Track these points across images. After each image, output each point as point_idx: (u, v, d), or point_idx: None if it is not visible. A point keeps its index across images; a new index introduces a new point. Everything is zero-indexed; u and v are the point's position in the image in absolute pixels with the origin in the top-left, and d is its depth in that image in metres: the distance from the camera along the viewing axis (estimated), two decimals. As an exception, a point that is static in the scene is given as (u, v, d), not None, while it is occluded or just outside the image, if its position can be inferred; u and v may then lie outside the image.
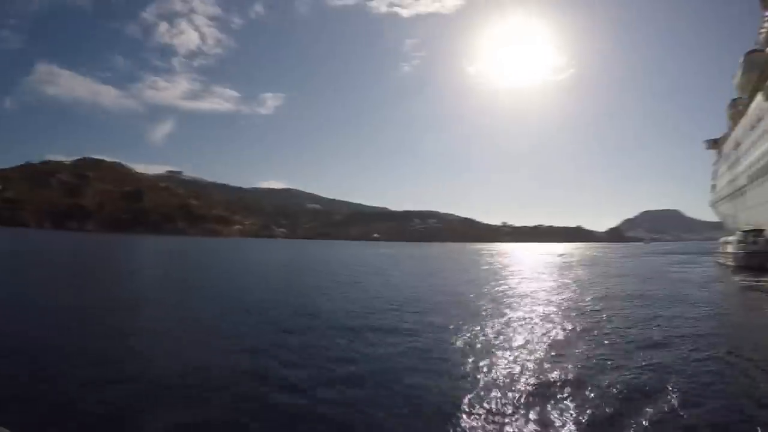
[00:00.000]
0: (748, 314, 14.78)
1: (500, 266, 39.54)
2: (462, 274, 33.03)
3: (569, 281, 25.65)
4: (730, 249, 34.92)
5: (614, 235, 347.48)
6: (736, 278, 25.63)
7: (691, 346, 9.41)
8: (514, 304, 15.97)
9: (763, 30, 34.05)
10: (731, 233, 49.58)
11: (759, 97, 35.96)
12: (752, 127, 39.01)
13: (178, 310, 14.29)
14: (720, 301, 18.17)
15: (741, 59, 39.21)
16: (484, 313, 13.80)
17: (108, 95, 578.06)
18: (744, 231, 33.08)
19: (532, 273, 32.23)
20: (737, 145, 44.54)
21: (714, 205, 60.62)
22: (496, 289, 21.04)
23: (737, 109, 45.88)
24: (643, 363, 8.11)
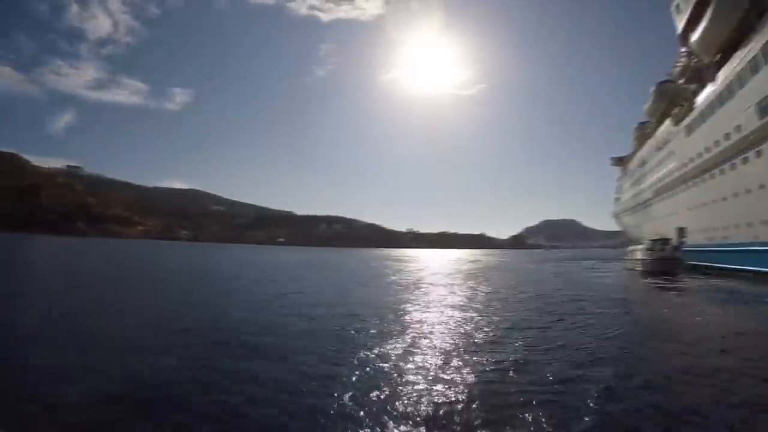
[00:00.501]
0: (664, 306, 16.61)
1: (427, 272, 38.36)
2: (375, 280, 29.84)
3: (502, 286, 24.79)
4: (639, 256, 38.37)
5: (516, 242, 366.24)
6: (647, 280, 28.11)
7: (620, 332, 10.81)
8: (453, 309, 14.88)
9: (678, 64, 38.31)
10: (635, 242, 55.20)
11: (667, 122, 40.34)
12: (658, 149, 43.74)
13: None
14: (640, 298, 19.97)
15: (653, 88, 43.87)
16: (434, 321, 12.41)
17: (8, 78, 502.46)
18: (652, 240, 36.58)
19: (461, 278, 31.72)
20: (643, 163, 49.81)
21: (617, 215, 67.73)
22: (433, 296, 19.45)
23: (644, 132, 51.33)
24: (585, 349, 8.81)
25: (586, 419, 5.30)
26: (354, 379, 6.79)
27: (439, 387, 6.46)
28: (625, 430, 5.14)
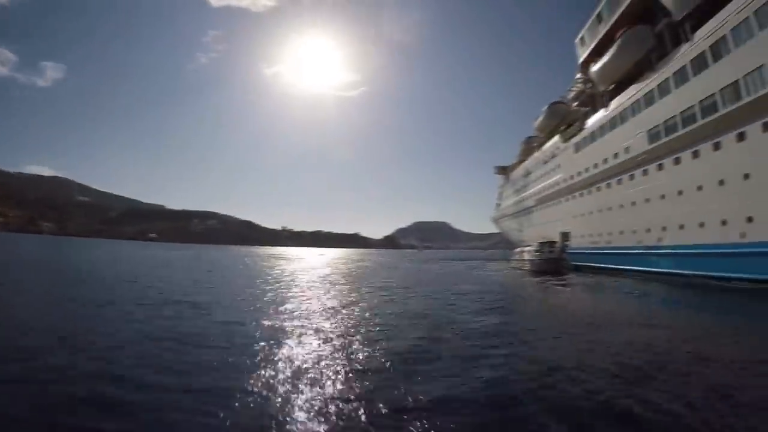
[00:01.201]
0: (559, 296, 20.61)
1: (313, 272, 37.13)
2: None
3: (396, 283, 25.46)
4: (527, 257, 42.69)
5: (389, 242, 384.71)
6: (536, 279, 31.31)
7: (519, 319, 13.59)
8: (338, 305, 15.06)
9: (574, 89, 43.97)
10: (514, 245, 61.40)
11: (556, 139, 45.98)
12: (545, 162, 49.63)
13: None
14: (534, 293, 22.47)
15: (545, 107, 49.69)
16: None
17: None
18: (540, 243, 41.12)
19: (349, 277, 31.44)
20: (527, 173, 56.02)
21: (497, 220, 75.30)
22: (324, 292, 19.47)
23: (530, 145, 57.89)
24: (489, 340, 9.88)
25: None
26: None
27: (311, 385, 6.32)
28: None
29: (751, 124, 20.82)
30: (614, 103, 34.09)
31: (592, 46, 35.65)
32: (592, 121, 38.09)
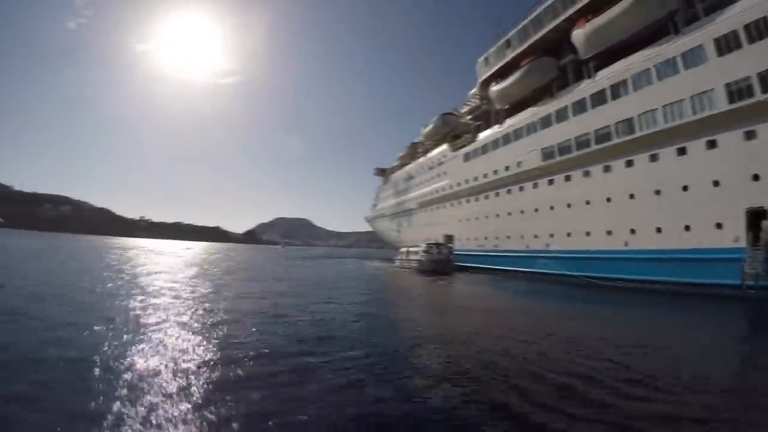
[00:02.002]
0: (450, 294, 24.34)
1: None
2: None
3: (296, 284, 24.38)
4: (415, 256, 44.75)
5: (251, 237, 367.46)
6: (428, 278, 33.19)
7: (416, 312, 16.18)
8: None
9: (469, 103, 47.64)
10: (391, 245, 63.46)
11: (445, 147, 49.44)
12: (431, 168, 52.87)
13: None
14: (430, 290, 25.33)
15: (436, 117, 52.77)
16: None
17: None
18: (429, 243, 43.64)
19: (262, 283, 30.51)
20: (410, 177, 58.84)
21: (372, 219, 77.01)
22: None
23: (415, 150, 60.94)
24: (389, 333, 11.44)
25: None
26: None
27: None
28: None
29: (641, 154, 25.72)
30: (510, 121, 38.31)
31: (497, 67, 39.47)
32: (485, 134, 42.14)
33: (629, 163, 26.56)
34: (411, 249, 46.92)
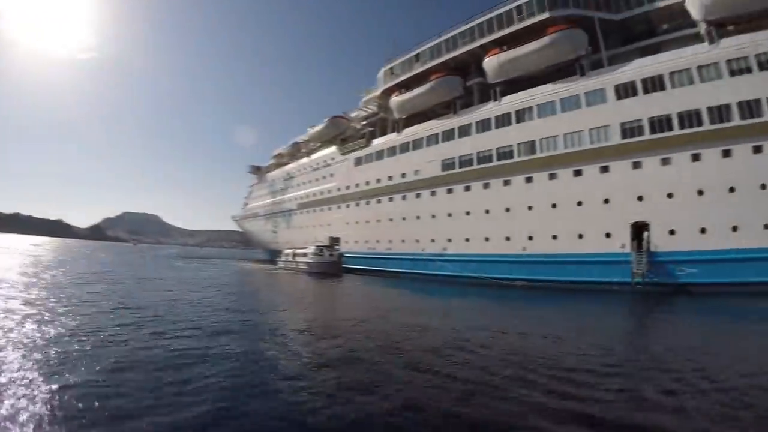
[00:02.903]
0: (351, 297, 25.10)
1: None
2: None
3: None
4: (303, 259, 42.74)
5: (96, 232, 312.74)
6: (324, 281, 32.98)
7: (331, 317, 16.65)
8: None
9: (365, 109, 47.14)
10: (262, 245, 58.70)
11: (333, 150, 48.61)
12: (315, 169, 51.18)
13: None
14: (335, 290, 27.08)
15: (327, 118, 50.94)
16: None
17: None
18: (318, 246, 42.25)
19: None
20: (290, 177, 55.75)
21: (243, 218, 70.14)
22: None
23: (298, 150, 57.86)
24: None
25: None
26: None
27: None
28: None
29: (541, 172, 29.78)
30: (409, 131, 39.94)
31: (401, 79, 40.78)
32: (381, 141, 43.01)
33: (529, 179, 30.39)
34: (298, 250, 44.64)
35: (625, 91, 26.67)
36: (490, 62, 33.00)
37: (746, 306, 19.40)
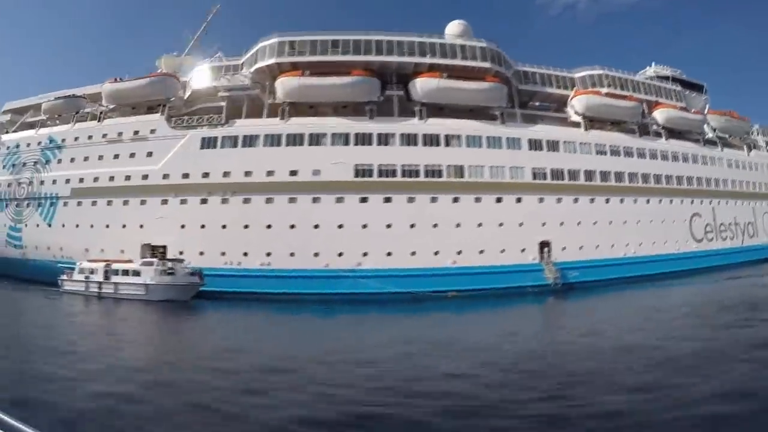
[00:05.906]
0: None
1: None
2: None
3: None
4: (129, 280, 28.16)
5: None
6: (172, 314, 26.85)
7: None
8: None
9: (226, 79, 34.00)
10: None
11: (155, 117, 33.84)
12: (114, 141, 33.18)
13: None
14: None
15: (151, 74, 32.92)
16: None
17: None
18: (162, 259, 29.15)
19: None
20: (57, 147, 32.55)
21: None
22: None
23: (75, 107, 33.93)
24: None
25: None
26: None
27: None
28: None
29: (467, 194, 33.84)
30: (300, 121, 34.17)
31: (306, 60, 34.36)
32: (251, 123, 34.39)
33: (456, 200, 33.61)
34: (112, 265, 28.63)
35: (535, 145, 35.23)
36: (426, 83, 34.21)
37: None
